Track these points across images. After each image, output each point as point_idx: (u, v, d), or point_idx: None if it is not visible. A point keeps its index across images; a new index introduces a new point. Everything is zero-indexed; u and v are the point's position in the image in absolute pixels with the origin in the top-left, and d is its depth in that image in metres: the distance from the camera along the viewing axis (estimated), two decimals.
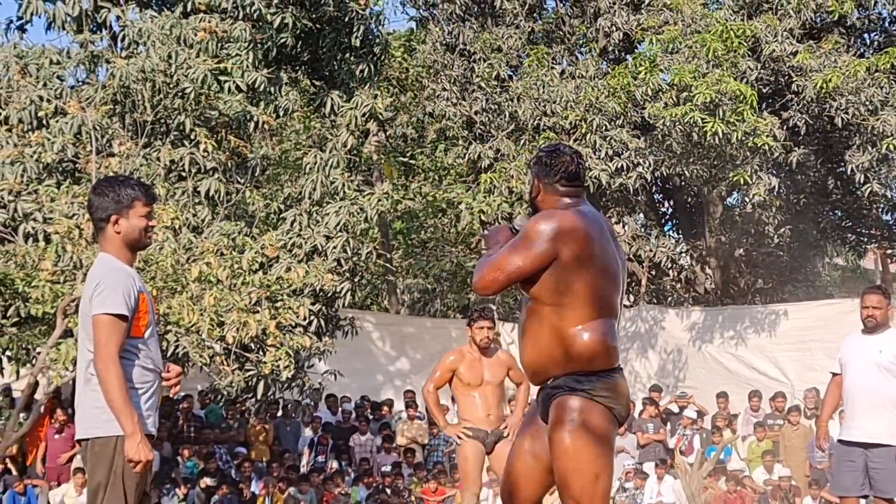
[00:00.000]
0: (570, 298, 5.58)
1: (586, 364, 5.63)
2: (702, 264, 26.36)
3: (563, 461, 5.57)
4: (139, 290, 5.88)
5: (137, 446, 5.59)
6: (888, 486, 9.70)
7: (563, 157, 5.91)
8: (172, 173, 16.86)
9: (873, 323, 9.84)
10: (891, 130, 20.39)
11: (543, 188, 5.86)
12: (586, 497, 5.54)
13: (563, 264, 5.56)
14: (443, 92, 23.45)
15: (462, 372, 10.73)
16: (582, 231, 5.65)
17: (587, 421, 5.58)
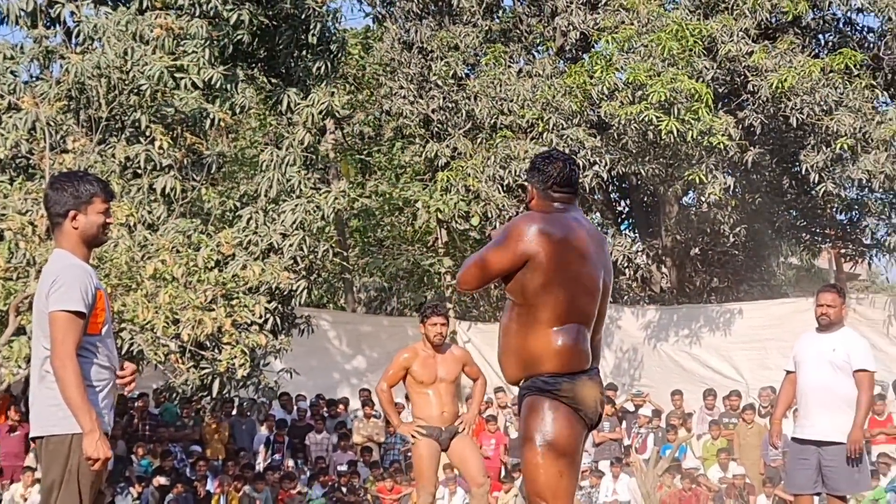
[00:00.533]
0: (542, 300, 5.65)
1: (556, 366, 5.68)
2: (658, 263, 26.44)
3: (529, 458, 5.66)
4: (96, 287, 5.84)
5: (96, 444, 5.55)
6: (841, 484, 9.77)
7: (557, 162, 5.96)
8: (127, 170, 16.76)
9: (827, 321, 9.90)
10: (845, 130, 20.53)
11: (537, 194, 5.92)
12: (549, 494, 5.61)
13: (536, 266, 5.62)
14: (400, 90, 23.44)
15: (415, 370, 10.71)
16: (559, 236, 5.70)
17: (553, 421, 5.65)
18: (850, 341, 9.89)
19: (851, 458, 9.63)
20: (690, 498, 18.24)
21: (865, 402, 9.71)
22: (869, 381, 9.76)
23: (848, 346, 9.80)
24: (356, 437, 21.12)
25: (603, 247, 5.92)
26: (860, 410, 9.65)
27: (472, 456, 10.67)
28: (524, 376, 5.76)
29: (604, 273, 5.85)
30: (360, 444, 21.01)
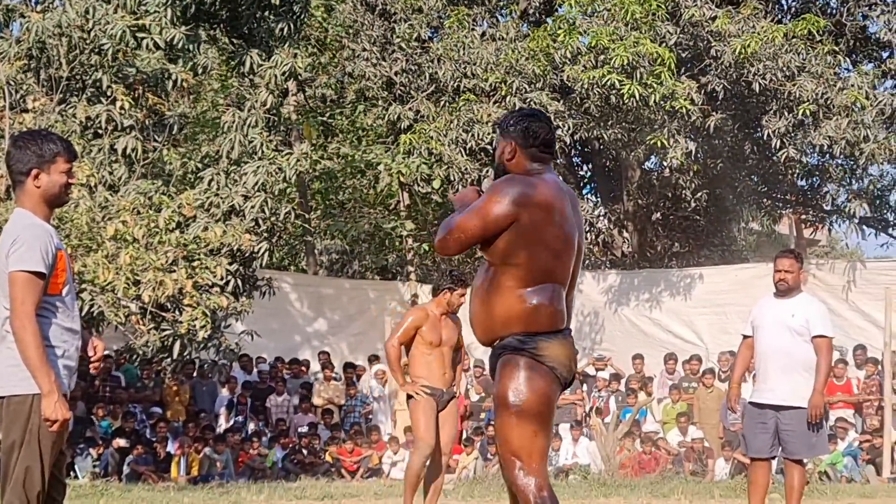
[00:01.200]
0: (522, 261, 5.63)
1: (531, 325, 5.68)
2: (619, 227, 26.52)
3: (503, 418, 5.65)
4: (56, 246, 5.79)
5: (54, 405, 5.53)
6: (798, 448, 9.85)
7: (543, 122, 5.92)
8: (88, 130, 16.67)
9: (785, 286, 9.97)
10: (807, 96, 20.60)
11: (520, 152, 5.85)
12: (524, 453, 5.60)
13: (521, 228, 5.60)
14: (363, 52, 23.35)
15: (425, 331, 10.81)
16: (543, 198, 5.68)
17: (528, 380, 5.65)
18: (809, 307, 9.95)
19: (811, 423, 9.71)
20: (650, 461, 18.35)
21: (825, 368, 9.79)
22: (828, 346, 9.84)
23: (807, 312, 9.86)
24: (316, 400, 21.14)
25: (577, 207, 5.91)
26: (820, 375, 9.73)
27: (450, 426, 10.88)
28: (500, 336, 5.75)
29: (578, 233, 5.85)
30: (320, 407, 21.03)
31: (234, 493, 15.07)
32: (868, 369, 19.66)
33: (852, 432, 18.78)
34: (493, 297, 5.71)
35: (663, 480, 16.85)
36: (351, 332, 24.08)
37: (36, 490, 5.58)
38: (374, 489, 16.13)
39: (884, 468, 17.90)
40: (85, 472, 17.61)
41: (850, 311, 21.81)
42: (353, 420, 21.00)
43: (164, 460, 18.60)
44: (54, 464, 5.72)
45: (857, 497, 14.84)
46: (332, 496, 14.97)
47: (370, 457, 19.66)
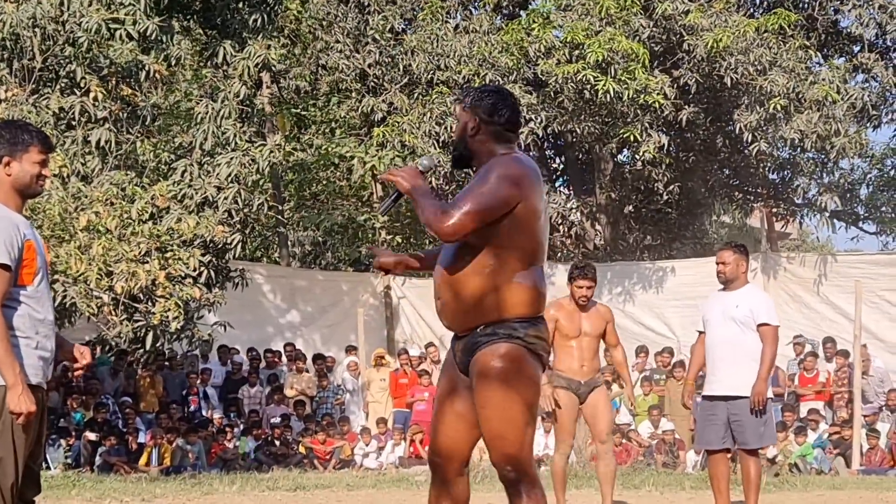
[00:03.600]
0: (515, 244, 5.50)
1: (522, 310, 5.55)
2: (592, 220, 26.59)
3: (497, 410, 5.48)
4: (25, 237, 5.74)
5: (19, 398, 5.49)
6: (747, 437, 9.96)
7: (511, 101, 5.77)
8: (62, 122, 16.65)
9: (723, 278, 10.15)
10: (778, 90, 20.72)
11: (485, 129, 5.68)
12: (517, 446, 5.46)
13: (520, 211, 5.47)
14: (336, 44, 23.36)
15: (562, 323, 10.74)
16: (534, 179, 5.58)
17: (522, 369, 5.51)
18: (753, 297, 10.09)
19: (756, 411, 9.82)
20: (621, 453, 18.44)
21: (769, 356, 9.90)
22: (773, 334, 9.94)
23: (750, 302, 9.99)
24: (288, 391, 21.15)
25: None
26: (763, 364, 9.85)
27: (604, 413, 10.83)
28: (488, 321, 5.56)
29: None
30: (292, 398, 21.06)
31: (207, 484, 15.11)
32: (838, 361, 19.78)
33: (823, 424, 18.90)
34: (479, 283, 5.51)
35: (635, 472, 16.95)
36: (324, 323, 24.09)
37: (10, 481, 5.56)
38: (347, 480, 16.16)
39: (853, 460, 18.03)
40: (57, 463, 17.59)
41: (821, 303, 21.95)
42: (325, 411, 21.03)
43: (137, 451, 18.59)
44: (30, 457, 5.71)
45: (827, 489, 14.93)
46: (304, 487, 15.00)
47: (342, 448, 19.71)
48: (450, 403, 5.76)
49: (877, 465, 17.95)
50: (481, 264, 5.53)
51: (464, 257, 5.58)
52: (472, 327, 5.61)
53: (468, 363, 5.64)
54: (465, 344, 5.66)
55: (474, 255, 5.54)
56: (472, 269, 5.55)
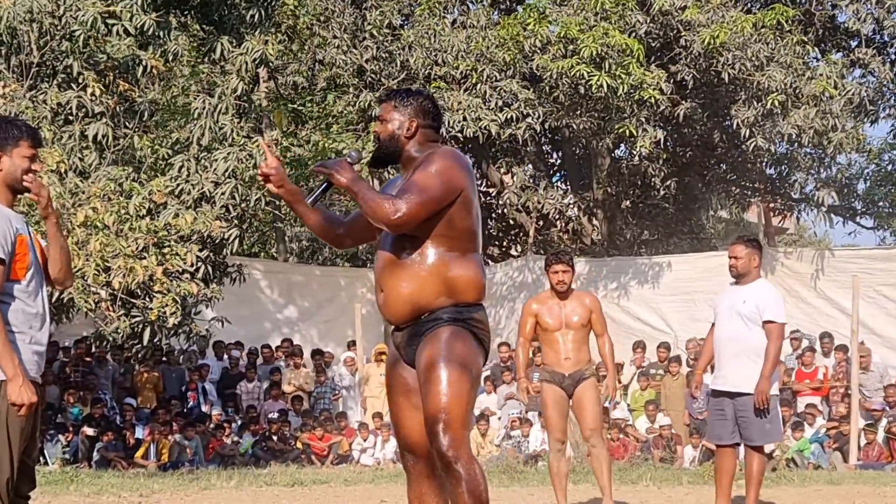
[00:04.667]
0: (458, 232, 5.60)
1: (468, 295, 5.64)
2: (589, 215, 26.61)
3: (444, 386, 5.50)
4: (17, 231, 5.76)
5: (20, 389, 5.52)
6: (752, 434, 9.96)
7: (433, 100, 5.93)
8: (59, 117, 16.66)
9: (735, 272, 10.11)
10: (775, 86, 20.71)
11: (420, 128, 5.80)
12: (460, 423, 5.49)
13: (462, 199, 5.59)
14: (333, 39, 23.34)
15: (543, 316, 10.62)
16: (471, 170, 5.72)
17: (467, 350, 5.59)
18: (761, 293, 10.04)
19: (759, 409, 9.82)
20: (618, 448, 18.46)
21: (773, 353, 9.86)
22: (777, 331, 9.92)
23: (758, 298, 9.95)
24: (286, 387, 21.16)
25: None
26: (767, 361, 9.81)
27: (589, 407, 10.58)
28: (432, 308, 5.63)
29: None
30: (290, 394, 21.06)
31: (205, 480, 15.12)
32: (836, 356, 19.79)
33: (820, 419, 18.91)
34: (424, 271, 5.59)
35: (632, 467, 16.96)
36: (321, 318, 24.11)
37: (5, 476, 5.57)
38: (344, 476, 16.19)
39: (851, 455, 18.04)
40: (55, 459, 17.61)
41: (818, 298, 21.95)
42: (323, 407, 21.03)
43: (134, 447, 18.60)
44: (25, 452, 5.72)
45: (825, 484, 14.94)
46: (302, 482, 15.02)
47: (340, 443, 19.71)
48: (405, 399, 5.79)
49: (874, 460, 17.95)
50: (425, 253, 5.62)
51: (407, 247, 5.65)
52: (417, 316, 5.67)
53: (413, 352, 5.70)
54: (408, 333, 5.72)
55: (418, 243, 5.63)
56: (417, 257, 5.63)
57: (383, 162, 5.95)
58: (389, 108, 5.85)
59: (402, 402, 5.80)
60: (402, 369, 5.79)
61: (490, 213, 27.99)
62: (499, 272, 24.54)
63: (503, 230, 28.56)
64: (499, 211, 27.81)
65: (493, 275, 24.43)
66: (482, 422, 19.35)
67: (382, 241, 5.79)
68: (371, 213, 5.54)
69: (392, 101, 5.86)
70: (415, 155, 5.78)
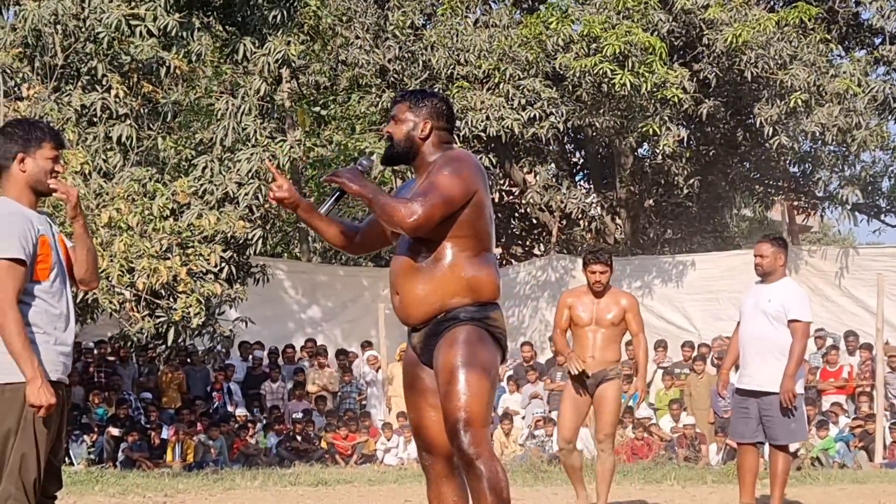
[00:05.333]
0: (473, 233, 5.63)
1: (483, 295, 5.67)
2: (612, 215, 26.58)
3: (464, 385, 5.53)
4: (39, 233, 5.76)
5: (38, 390, 5.52)
6: (777, 433, 9.94)
7: (449, 103, 5.96)
8: (83, 118, 16.72)
9: (761, 271, 10.08)
10: (799, 84, 20.67)
11: (434, 130, 5.81)
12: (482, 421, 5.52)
13: (475, 201, 5.62)
14: (356, 40, 23.37)
15: (576, 310, 10.52)
16: (483, 171, 5.74)
17: (486, 348, 5.62)
18: (786, 292, 10.01)
19: (784, 409, 9.80)
20: (643, 447, 18.44)
21: (797, 352, 9.83)
22: (803, 330, 9.89)
23: (783, 297, 9.92)
24: (310, 387, 21.19)
25: None
26: (792, 360, 9.78)
27: (608, 409, 10.38)
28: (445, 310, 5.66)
29: None
30: (314, 394, 21.09)
31: (229, 480, 15.14)
32: (863, 355, 19.73)
33: (844, 418, 18.86)
34: (438, 271, 5.62)
35: (656, 466, 16.93)
36: (345, 318, 24.13)
37: (32, 477, 5.59)
38: (368, 475, 16.20)
39: (876, 454, 17.98)
40: (80, 459, 17.68)
41: (843, 297, 21.90)
42: (347, 406, 21.05)
43: (159, 447, 18.66)
44: (51, 452, 5.74)
45: (850, 482, 14.89)
46: (326, 482, 15.02)
47: (364, 443, 19.73)
48: (423, 400, 5.81)
49: None
50: (440, 255, 5.65)
51: (422, 249, 5.68)
52: (433, 316, 5.70)
53: (430, 353, 5.72)
54: (425, 333, 5.75)
55: (433, 246, 5.66)
56: (433, 258, 5.66)
57: (395, 162, 5.97)
58: (404, 108, 5.85)
59: (420, 403, 5.83)
60: (420, 370, 5.82)
61: (513, 213, 27.98)
62: (522, 271, 24.54)
63: (526, 229, 28.55)
64: (522, 210, 27.81)
65: (517, 274, 24.43)
66: (506, 421, 19.35)
67: (398, 245, 5.83)
68: (387, 218, 5.57)
69: (407, 102, 5.87)
70: (429, 157, 5.80)
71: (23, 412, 5.58)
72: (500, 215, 27.31)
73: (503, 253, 27.82)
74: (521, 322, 23.73)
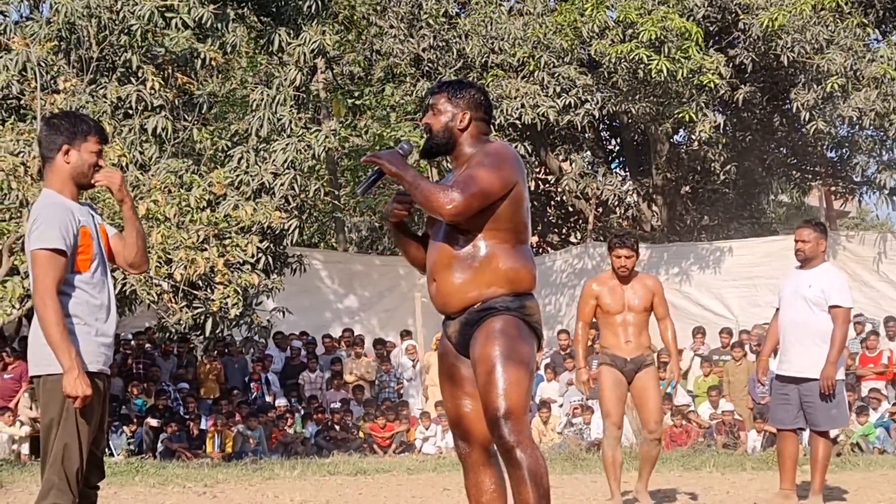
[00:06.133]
0: (510, 225, 5.64)
1: (520, 285, 5.68)
2: (648, 202, 26.50)
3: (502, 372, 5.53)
4: (80, 223, 5.81)
5: (74, 381, 5.55)
6: (818, 419, 9.92)
7: (487, 93, 5.96)
8: (119, 110, 16.77)
9: (802, 256, 10.04)
10: (836, 69, 20.54)
11: (473, 121, 5.82)
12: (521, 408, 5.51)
13: (514, 193, 5.62)
14: (390, 29, 23.36)
15: (603, 298, 10.28)
16: (522, 164, 5.75)
17: (522, 337, 5.63)
18: (827, 277, 9.98)
19: (825, 395, 9.76)
20: (681, 434, 18.39)
21: (839, 338, 9.81)
22: (843, 316, 9.85)
23: (823, 282, 9.89)
24: (348, 377, 21.23)
25: None
26: (833, 346, 9.76)
27: (652, 397, 10.19)
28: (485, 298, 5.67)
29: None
30: (351, 383, 21.13)
31: (268, 469, 15.19)
32: None
33: (885, 403, 18.76)
34: (476, 261, 5.64)
35: (695, 453, 16.89)
36: (381, 308, 24.17)
37: (75, 467, 5.63)
38: (407, 464, 16.22)
39: None
40: (120, 450, 17.77)
41: (881, 282, 21.80)
42: (385, 396, 21.07)
43: (198, 437, 18.73)
44: (93, 443, 5.78)
45: (890, 468, 14.83)
46: (365, 471, 15.05)
47: (403, 432, 19.76)
48: (460, 389, 5.81)
49: None
50: (477, 245, 5.66)
51: (459, 239, 5.69)
52: (469, 305, 5.70)
53: (466, 342, 5.73)
54: (461, 323, 5.75)
55: (470, 236, 5.67)
56: (470, 249, 5.67)
57: (433, 154, 5.94)
58: (443, 98, 5.84)
59: (455, 392, 5.83)
60: (455, 359, 5.83)
61: (549, 201, 27.94)
62: (558, 259, 24.52)
63: (562, 217, 28.51)
64: (558, 198, 27.77)
65: (553, 262, 24.40)
66: (543, 409, 19.34)
67: (435, 233, 5.81)
68: (425, 203, 5.56)
69: (445, 93, 5.85)
70: (467, 148, 5.80)
71: (65, 402, 5.61)
72: (536, 203, 27.28)
73: (539, 241, 27.81)
74: (558, 310, 23.71)
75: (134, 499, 11.73)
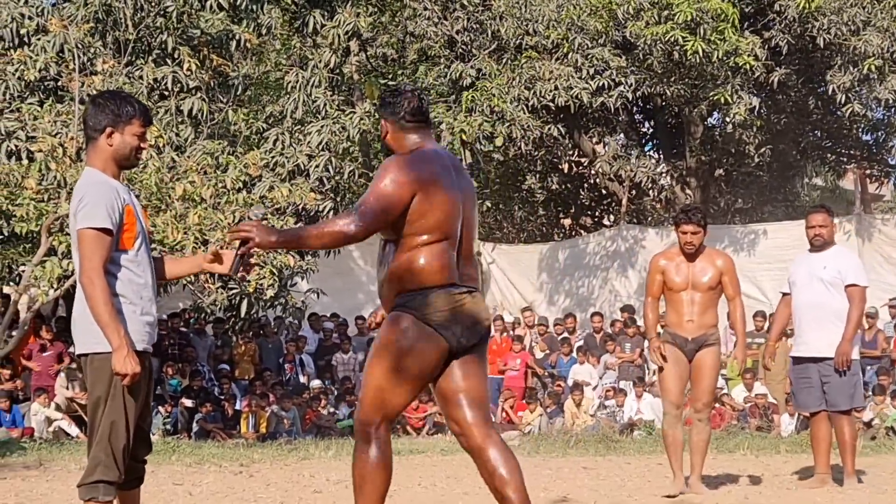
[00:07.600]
0: (420, 229, 5.79)
1: (420, 282, 5.83)
2: (682, 184, 26.43)
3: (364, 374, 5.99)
4: (124, 202, 5.85)
5: (124, 359, 5.60)
6: (838, 399, 9.96)
7: (406, 94, 6.09)
8: (155, 92, 16.86)
9: (821, 241, 10.11)
10: (872, 51, 20.43)
11: (392, 127, 6.04)
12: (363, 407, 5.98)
13: (416, 203, 5.77)
14: (424, 11, 23.35)
15: (669, 274, 10.05)
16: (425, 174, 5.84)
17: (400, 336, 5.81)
18: (841, 258, 10.12)
19: (840, 371, 9.79)
20: (714, 417, 18.36)
21: (855, 316, 9.88)
22: (860, 295, 9.93)
23: (839, 263, 10.00)
24: None
25: (461, 172, 6.10)
26: (849, 324, 9.84)
27: (707, 376, 10.02)
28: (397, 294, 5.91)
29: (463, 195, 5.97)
30: None
31: (303, 450, 15.25)
32: None
33: None
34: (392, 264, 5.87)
35: (728, 436, 16.89)
36: None
37: (122, 444, 5.70)
38: (441, 445, 16.27)
39: None
40: (156, 430, 17.85)
41: None
42: None
43: (233, 418, 18.81)
44: (140, 417, 5.85)
45: None
46: (398, 452, 14.97)
47: (435, 413, 19.79)
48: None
49: None
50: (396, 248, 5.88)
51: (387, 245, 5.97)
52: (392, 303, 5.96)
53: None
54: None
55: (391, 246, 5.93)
56: (391, 255, 5.92)
57: None
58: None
59: None
60: None
61: (582, 183, 27.91)
62: (591, 242, 24.50)
63: (595, 200, 28.48)
64: (591, 181, 27.74)
65: (586, 245, 24.39)
66: (576, 392, 19.34)
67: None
68: (328, 241, 5.91)
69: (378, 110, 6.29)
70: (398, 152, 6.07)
71: (112, 380, 5.67)
72: (570, 186, 27.26)
73: (572, 224, 27.78)
74: (591, 293, 23.71)
75: (171, 478, 11.79)
